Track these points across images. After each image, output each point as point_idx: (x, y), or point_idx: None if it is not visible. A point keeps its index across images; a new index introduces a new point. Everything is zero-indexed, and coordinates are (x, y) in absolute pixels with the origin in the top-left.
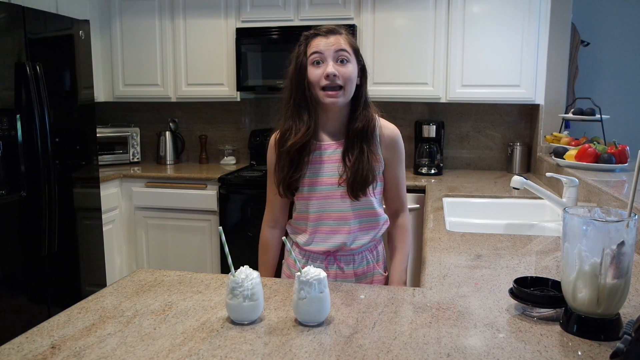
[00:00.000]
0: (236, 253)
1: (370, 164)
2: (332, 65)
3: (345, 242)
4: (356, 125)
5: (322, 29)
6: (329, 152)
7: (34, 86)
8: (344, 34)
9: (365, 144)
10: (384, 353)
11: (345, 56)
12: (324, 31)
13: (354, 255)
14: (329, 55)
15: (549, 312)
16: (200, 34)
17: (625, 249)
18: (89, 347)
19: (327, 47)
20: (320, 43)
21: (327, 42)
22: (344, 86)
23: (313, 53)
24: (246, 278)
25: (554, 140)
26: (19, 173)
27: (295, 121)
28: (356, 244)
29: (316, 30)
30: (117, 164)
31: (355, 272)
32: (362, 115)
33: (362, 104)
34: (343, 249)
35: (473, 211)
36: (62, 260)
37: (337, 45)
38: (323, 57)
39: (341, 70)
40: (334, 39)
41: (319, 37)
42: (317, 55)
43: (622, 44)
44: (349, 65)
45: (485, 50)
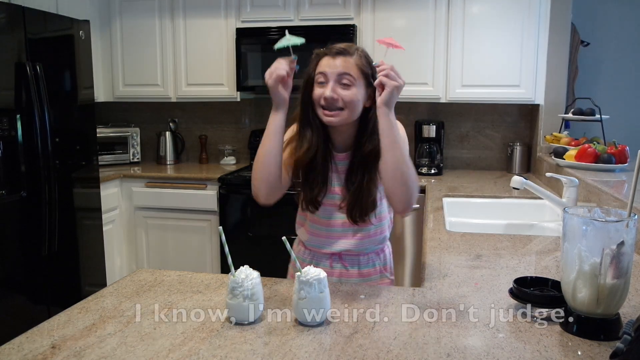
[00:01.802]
0: (236, 253)
1: (370, 191)
2: (332, 88)
3: (349, 248)
4: (361, 151)
5: (333, 49)
6: (341, 163)
7: (34, 86)
8: (355, 56)
9: (367, 173)
10: (384, 353)
11: (349, 80)
12: (333, 52)
13: (359, 256)
14: (331, 78)
15: (549, 312)
16: (200, 34)
17: (625, 249)
18: (89, 347)
19: (331, 70)
20: (327, 64)
21: (333, 63)
22: (345, 108)
23: (318, 73)
24: (246, 278)
25: (553, 141)
26: (19, 173)
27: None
28: (360, 249)
29: (327, 50)
30: (117, 164)
31: (360, 273)
32: (369, 141)
33: (370, 129)
34: (350, 251)
35: (473, 211)
36: (62, 260)
37: (341, 68)
38: (326, 78)
39: (342, 93)
40: (342, 61)
41: (327, 57)
42: (320, 76)
43: (622, 44)
44: (352, 88)
45: (485, 50)
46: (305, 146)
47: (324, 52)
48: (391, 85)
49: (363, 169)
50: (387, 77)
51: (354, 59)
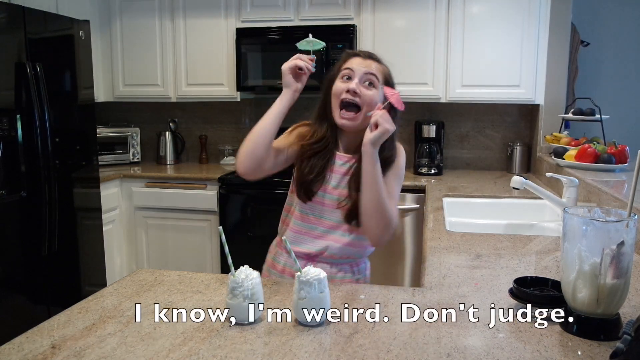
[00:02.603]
0: (236, 253)
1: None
2: (357, 83)
3: (327, 247)
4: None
5: (363, 52)
6: (340, 163)
7: (34, 86)
8: (381, 64)
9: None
10: (384, 353)
11: (373, 80)
12: (365, 54)
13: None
14: (357, 75)
15: (549, 312)
16: (200, 34)
17: (625, 249)
18: (89, 347)
19: (359, 67)
20: (357, 62)
21: (362, 62)
22: (362, 108)
23: (345, 68)
24: (246, 278)
25: (553, 141)
26: (19, 173)
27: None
28: (338, 253)
29: (357, 52)
30: (117, 164)
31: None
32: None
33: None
34: (323, 254)
35: (473, 211)
36: (62, 260)
37: (369, 68)
38: (352, 74)
39: (364, 91)
40: (371, 63)
41: (358, 57)
42: (347, 71)
43: (622, 44)
44: (373, 89)
45: (485, 50)
46: (317, 136)
47: (355, 53)
48: (384, 127)
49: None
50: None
51: (382, 66)
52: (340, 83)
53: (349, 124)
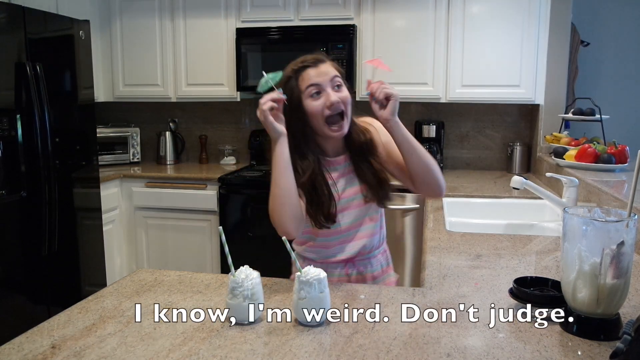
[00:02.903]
0: (236, 253)
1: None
2: (332, 93)
3: (365, 245)
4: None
5: (309, 60)
6: (340, 167)
7: (34, 86)
8: (329, 61)
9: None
10: (384, 353)
11: (340, 82)
12: (311, 62)
13: (370, 259)
14: (326, 85)
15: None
16: (200, 34)
17: (625, 249)
18: (89, 347)
19: (322, 77)
20: (314, 74)
21: (319, 71)
22: (345, 111)
23: (310, 86)
24: (246, 278)
25: (553, 141)
26: (19, 173)
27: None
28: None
29: (303, 63)
30: (117, 164)
31: (373, 275)
32: (354, 131)
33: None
34: (361, 253)
35: (473, 211)
36: (62, 260)
37: (330, 72)
38: (321, 87)
39: (341, 95)
40: (325, 67)
41: (309, 68)
42: (314, 88)
43: (622, 44)
44: (343, 88)
45: (485, 50)
46: (307, 174)
47: (303, 66)
48: (396, 97)
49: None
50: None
51: (331, 63)
52: (313, 102)
53: (343, 132)
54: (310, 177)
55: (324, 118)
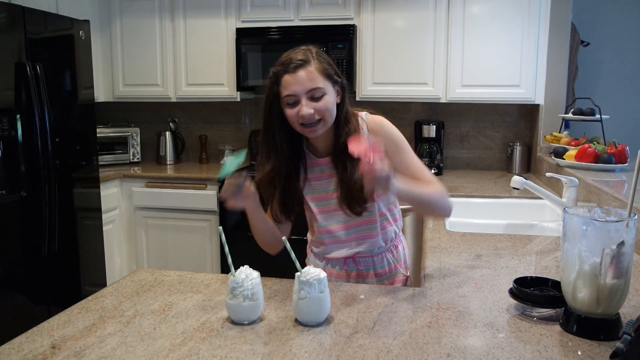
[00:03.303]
0: (236, 253)
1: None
2: (306, 105)
3: (365, 246)
4: (339, 143)
5: (291, 64)
6: (324, 168)
7: (34, 86)
8: (313, 62)
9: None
10: (384, 353)
11: (318, 92)
12: (292, 67)
13: (373, 257)
14: (302, 96)
15: (549, 312)
16: (200, 34)
17: (625, 249)
18: (89, 347)
19: (299, 88)
20: (291, 82)
21: (297, 79)
22: (322, 118)
23: (286, 96)
24: (246, 278)
25: (553, 140)
26: (19, 173)
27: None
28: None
29: (284, 66)
30: (117, 164)
31: (376, 273)
32: (344, 131)
33: (343, 121)
34: (362, 253)
35: (473, 211)
36: (62, 260)
37: (307, 84)
38: (297, 98)
39: (316, 106)
40: (305, 74)
41: (287, 74)
42: (290, 98)
43: (622, 44)
44: (325, 97)
45: (485, 50)
46: (269, 167)
47: (282, 70)
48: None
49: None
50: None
51: (314, 65)
52: (289, 109)
53: (319, 132)
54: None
55: (299, 124)
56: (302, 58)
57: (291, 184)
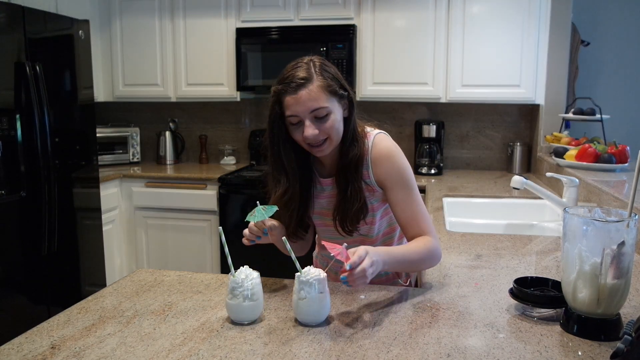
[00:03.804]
0: (236, 253)
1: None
2: (309, 126)
3: None
4: (342, 163)
5: (292, 83)
6: (326, 187)
7: (34, 86)
8: (316, 79)
9: (350, 181)
10: (384, 353)
11: (322, 112)
12: (293, 87)
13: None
14: (305, 117)
15: (549, 312)
16: (200, 34)
17: (626, 249)
18: (88, 347)
19: (301, 109)
20: (293, 103)
21: (298, 100)
22: (328, 137)
23: (290, 116)
24: (246, 278)
25: (554, 140)
26: (19, 173)
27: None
28: None
29: (284, 86)
30: (117, 164)
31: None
32: (350, 150)
33: (350, 139)
34: None
35: (473, 211)
36: (62, 260)
37: (310, 104)
38: (300, 119)
39: (321, 126)
40: (306, 94)
41: (288, 95)
42: (293, 118)
43: (622, 44)
44: (329, 116)
45: (485, 50)
46: (280, 191)
47: (283, 89)
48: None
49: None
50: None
51: (316, 83)
52: (293, 130)
53: (327, 151)
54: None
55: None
56: (304, 76)
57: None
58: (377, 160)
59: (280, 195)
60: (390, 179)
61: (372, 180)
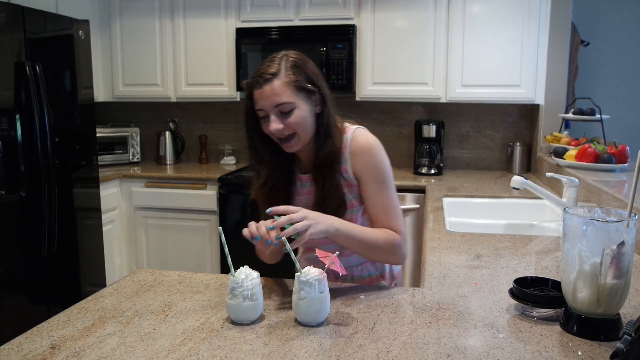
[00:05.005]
0: (236, 253)
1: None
2: (274, 120)
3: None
4: (317, 159)
5: (260, 79)
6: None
7: (34, 86)
8: (281, 75)
9: (326, 177)
10: (384, 353)
11: (286, 107)
12: (260, 82)
13: (352, 268)
14: (270, 111)
15: (549, 312)
16: (200, 34)
17: (625, 249)
18: (88, 347)
19: (266, 103)
20: (260, 97)
21: (263, 94)
22: (296, 133)
23: (258, 110)
24: (246, 278)
25: (554, 140)
26: (19, 173)
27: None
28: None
29: (253, 80)
30: (117, 164)
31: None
32: (324, 147)
33: (323, 135)
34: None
35: (473, 211)
36: (62, 260)
37: (274, 98)
38: (266, 113)
39: (286, 121)
40: (270, 90)
41: (255, 89)
42: (261, 112)
43: (622, 44)
44: (294, 112)
45: (485, 50)
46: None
47: (251, 83)
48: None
49: (323, 173)
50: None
51: (282, 79)
52: (263, 124)
53: (296, 147)
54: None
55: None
56: (272, 71)
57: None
58: (356, 153)
59: (260, 186)
60: (367, 172)
61: (350, 174)
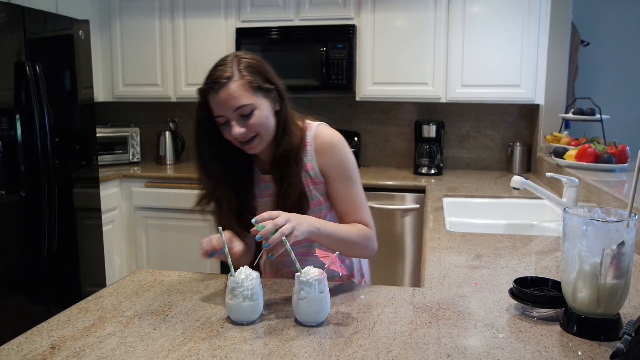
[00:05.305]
0: None
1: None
2: (236, 125)
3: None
4: (276, 156)
5: (214, 85)
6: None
7: (34, 86)
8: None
9: (285, 175)
10: (384, 353)
11: (246, 110)
12: (215, 88)
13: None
14: (230, 117)
15: (549, 312)
16: (200, 34)
17: (625, 249)
18: (88, 347)
19: (225, 108)
20: (217, 103)
21: (220, 100)
22: (258, 133)
23: (217, 117)
24: (246, 278)
25: (554, 140)
26: (19, 173)
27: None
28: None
29: (207, 85)
30: (117, 164)
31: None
32: (282, 143)
33: (281, 131)
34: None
35: (473, 211)
36: (62, 260)
37: (232, 103)
38: (226, 118)
39: (247, 123)
40: (226, 95)
41: (211, 95)
42: (221, 119)
43: (622, 44)
44: (255, 113)
45: (485, 50)
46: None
47: (206, 89)
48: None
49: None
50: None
51: (238, 82)
52: (223, 130)
53: (258, 148)
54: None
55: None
56: (226, 75)
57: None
58: (321, 150)
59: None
60: (333, 168)
61: (316, 171)
